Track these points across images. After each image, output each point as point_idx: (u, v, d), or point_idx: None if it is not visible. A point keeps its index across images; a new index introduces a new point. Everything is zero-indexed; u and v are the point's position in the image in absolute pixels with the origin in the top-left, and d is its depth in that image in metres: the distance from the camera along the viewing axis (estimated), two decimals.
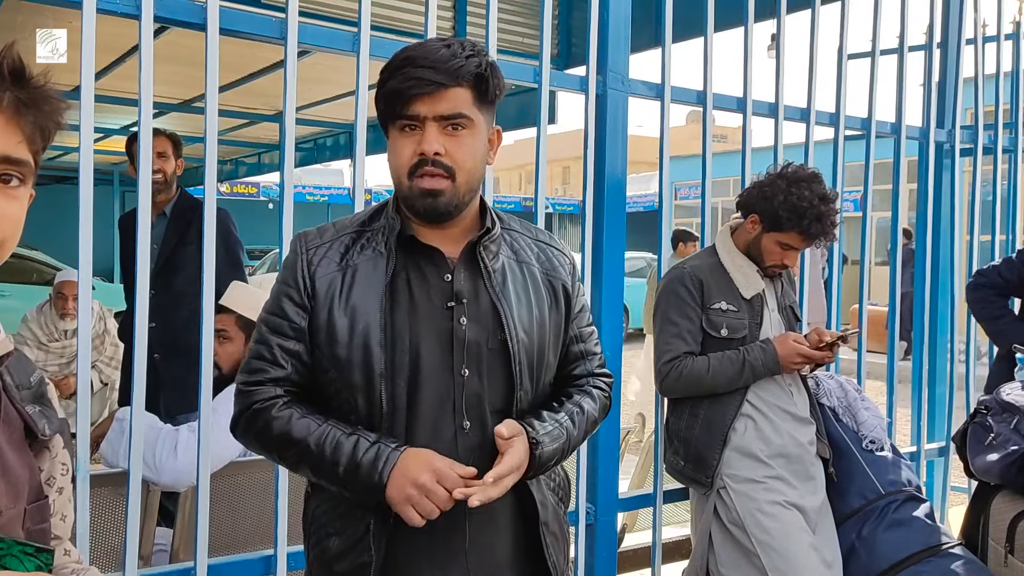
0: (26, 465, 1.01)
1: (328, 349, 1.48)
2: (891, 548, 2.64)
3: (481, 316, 1.50)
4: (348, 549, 1.50)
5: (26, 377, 1.05)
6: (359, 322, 1.46)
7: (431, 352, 1.47)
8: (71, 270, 5.03)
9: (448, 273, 1.50)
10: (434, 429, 1.48)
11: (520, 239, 1.61)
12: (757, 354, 2.52)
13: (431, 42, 1.46)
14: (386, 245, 1.50)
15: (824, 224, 2.50)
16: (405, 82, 1.41)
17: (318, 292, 1.49)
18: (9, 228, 0.96)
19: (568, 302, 1.62)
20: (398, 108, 1.43)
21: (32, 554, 0.88)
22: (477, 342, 1.49)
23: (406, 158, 1.44)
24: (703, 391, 2.55)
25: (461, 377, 1.48)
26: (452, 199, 1.45)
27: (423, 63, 1.41)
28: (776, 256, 2.58)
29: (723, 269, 2.61)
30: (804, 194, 2.48)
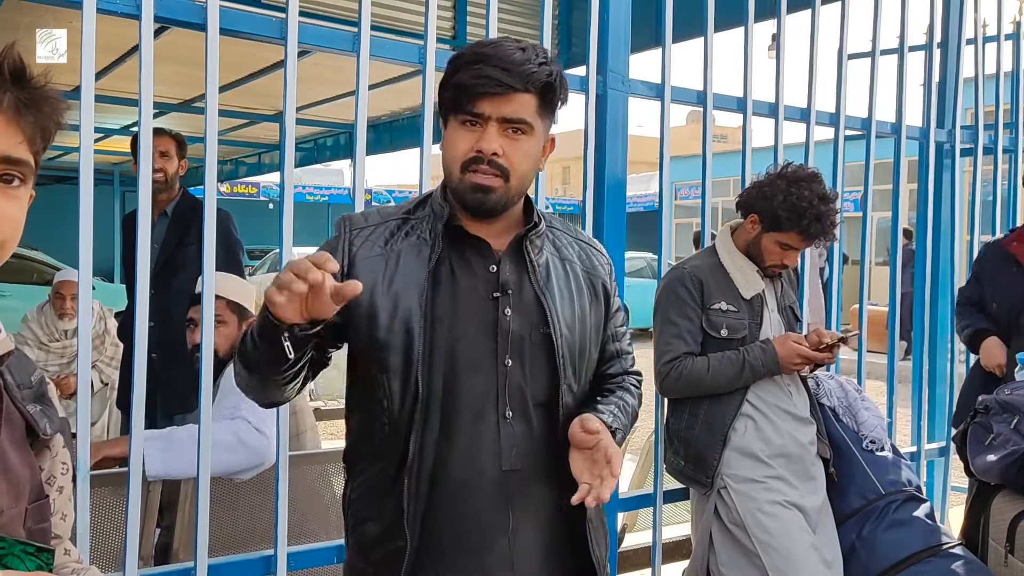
0: (27, 464, 1.01)
1: (367, 332, 1.48)
2: (891, 548, 2.64)
3: (525, 308, 1.51)
4: (383, 534, 1.51)
5: (27, 376, 1.05)
6: (400, 306, 1.47)
7: (474, 340, 1.49)
8: (70, 270, 5.02)
9: (494, 264, 1.51)
10: (476, 416, 1.48)
11: (562, 237, 1.63)
12: (757, 354, 2.52)
13: (506, 43, 1.46)
14: (431, 232, 1.51)
15: (824, 224, 2.50)
16: (475, 79, 1.42)
17: (357, 275, 1.48)
18: (9, 229, 0.96)
19: (607, 300, 1.64)
20: (463, 103, 1.44)
21: (33, 554, 0.88)
22: (520, 334, 1.50)
23: (462, 151, 1.45)
24: (703, 391, 2.55)
25: (504, 367, 1.49)
26: (502, 198, 1.47)
27: (496, 63, 1.42)
28: (776, 256, 2.58)
29: (723, 269, 2.61)
30: (804, 194, 2.48)
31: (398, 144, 8.00)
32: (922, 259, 3.96)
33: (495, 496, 1.47)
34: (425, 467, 1.47)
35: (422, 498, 1.47)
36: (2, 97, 0.92)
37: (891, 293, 3.78)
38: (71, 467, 1.10)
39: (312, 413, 3.09)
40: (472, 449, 1.48)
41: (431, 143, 2.58)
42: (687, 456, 2.62)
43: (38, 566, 0.88)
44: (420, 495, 1.47)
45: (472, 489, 1.47)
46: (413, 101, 6.94)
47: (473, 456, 1.47)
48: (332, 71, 5.44)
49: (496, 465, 1.48)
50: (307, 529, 2.66)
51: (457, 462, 1.48)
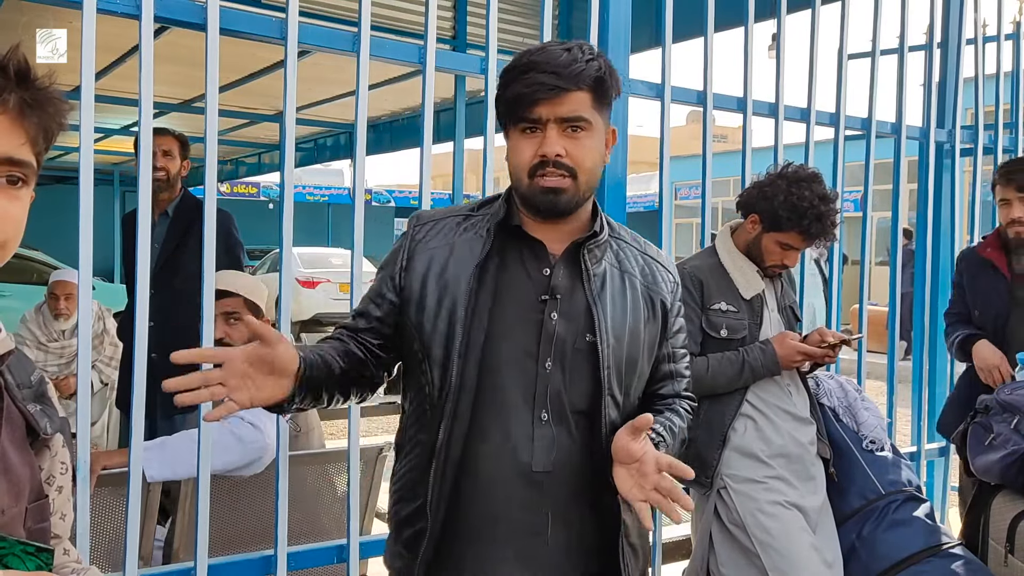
0: (27, 464, 1.01)
1: (416, 318, 1.54)
2: (891, 548, 2.64)
3: (573, 315, 1.52)
4: (411, 516, 1.55)
5: (27, 376, 1.06)
6: (447, 297, 1.51)
7: (515, 339, 1.51)
8: (65, 270, 5.02)
9: (548, 267, 1.54)
10: (509, 413, 1.50)
11: (627, 249, 1.64)
12: (756, 354, 2.52)
13: (552, 46, 1.49)
14: (487, 230, 1.55)
15: (824, 224, 2.50)
16: (528, 87, 1.45)
17: (414, 266, 1.56)
18: (12, 229, 0.96)
19: (665, 318, 1.63)
20: (520, 111, 1.47)
21: (33, 553, 0.88)
22: (564, 339, 1.51)
23: (527, 159, 1.48)
24: (702, 392, 2.55)
25: (544, 370, 1.50)
26: (573, 197, 1.49)
27: (545, 68, 1.45)
28: (776, 256, 2.58)
29: (723, 269, 2.60)
30: (804, 194, 2.48)
31: (398, 144, 8.01)
32: (922, 259, 3.96)
33: (524, 495, 1.49)
34: (453, 456, 1.50)
35: (447, 486, 1.50)
36: (7, 98, 0.93)
37: (891, 293, 3.78)
38: (70, 467, 1.10)
39: (316, 412, 3.09)
40: (503, 446, 1.50)
41: (431, 143, 2.58)
42: (687, 456, 2.61)
43: (38, 566, 0.88)
44: (446, 483, 1.50)
45: (500, 485, 1.49)
46: (413, 101, 6.95)
47: (503, 453, 1.49)
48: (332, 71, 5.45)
49: (527, 464, 1.49)
50: (307, 529, 2.66)
51: (487, 456, 1.50)
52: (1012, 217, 3.10)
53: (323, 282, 14.16)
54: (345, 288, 13.08)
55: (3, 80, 0.92)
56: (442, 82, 2.87)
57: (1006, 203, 3.12)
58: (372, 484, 2.82)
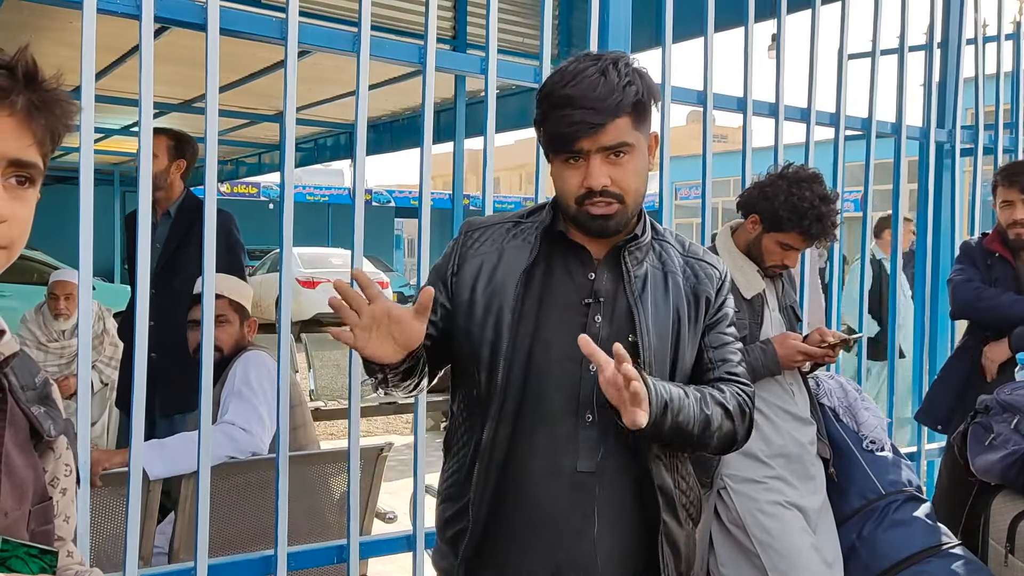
0: (31, 466, 1.01)
1: (465, 324, 1.57)
2: (891, 548, 2.64)
3: (616, 317, 1.55)
4: (455, 515, 1.59)
5: (31, 378, 1.05)
6: (495, 302, 1.55)
7: (559, 343, 1.53)
8: (65, 270, 5.02)
9: (592, 272, 1.57)
10: (553, 416, 1.53)
11: (670, 250, 1.65)
12: (757, 355, 2.52)
13: (587, 72, 1.46)
14: (535, 236, 1.59)
15: (825, 224, 2.50)
16: (568, 126, 1.45)
17: (464, 272, 1.59)
18: (19, 230, 0.96)
19: (707, 311, 1.64)
20: (561, 145, 1.48)
21: (37, 556, 0.88)
22: (608, 341, 1.50)
23: (573, 188, 1.50)
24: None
25: (589, 372, 1.51)
26: (622, 220, 1.53)
27: (583, 104, 1.44)
28: (776, 256, 2.58)
29: None
30: (805, 194, 2.48)
31: (398, 144, 8.00)
32: (922, 259, 3.96)
33: (570, 496, 1.51)
34: (496, 457, 1.53)
35: (491, 487, 1.53)
36: (15, 99, 0.93)
37: (891, 293, 3.78)
38: (74, 469, 1.10)
39: (308, 411, 3.10)
40: (547, 448, 1.52)
41: (431, 143, 2.58)
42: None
43: (42, 568, 0.88)
44: (489, 484, 1.53)
45: (545, 487, 1.51)
46: (413, 101, 6.94)
47: (547, 454, 1.52)
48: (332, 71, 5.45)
49: (572, 466, 1.51)
50: (307, 529, 2.66)
51: (531, 458, 1.53)
52: (1015, 219, 3.10)
53: (323, 282, 14.17)
54: None
55: (11, 81, 0.92)
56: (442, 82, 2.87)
57: (1009, 204, 3.12)
58: (372, 484, 2.82)
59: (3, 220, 0.93)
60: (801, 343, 2.53)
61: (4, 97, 0.92)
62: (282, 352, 2.34)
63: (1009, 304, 3.16)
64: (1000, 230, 3.23)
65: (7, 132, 0.93)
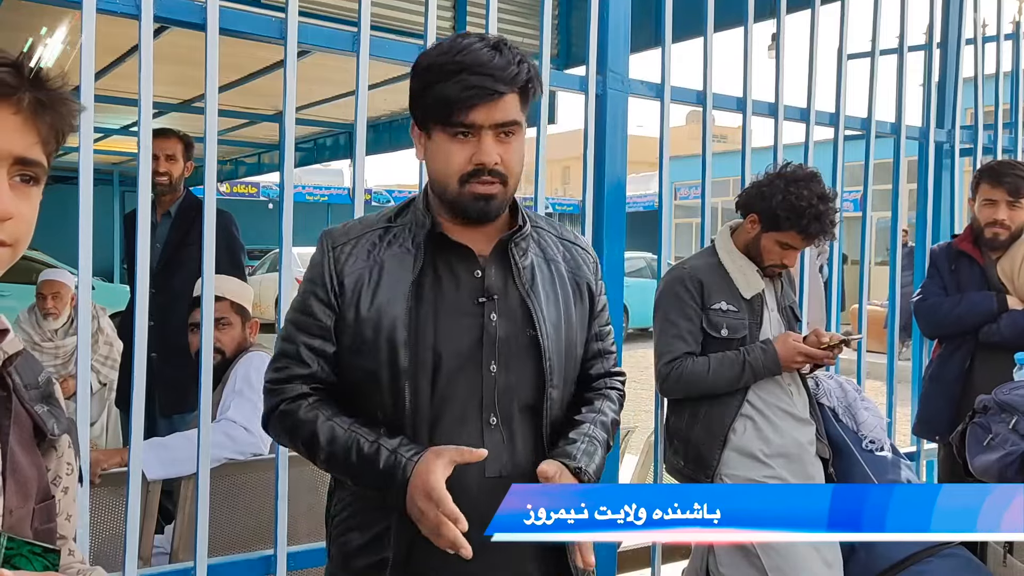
0: (35, 465, 1.01)
1: (354, 346, 1.48)
2: (891, 548, 2.64)
3: (511, 312, 1.50)
4: (368, 544, 1.49)
5: (34, 377, 1.06)
6: (385, 319, 1.46)
7: (458, 348, 1.47)
8: (53, 270, 5.02)
9: (479, 269, 1.50)
10: (460, 424, 1.47)
11: (547, 236, 1.61)
12: (757, 355, 2.52)
13: (475, 45, 1.41)
14: (414, 242, 1.50)
15: (823, 223, 2.50)
16: (464, 91, 1.39)
17: (346, 290, 1.48)
18: (24, 228, 0.97)
19: (592, 300, 1.63)
20: (451, 115, 1.41)
21: (40, 554, 0.89)
22: (507, 338, 1.49)
23: (459, 165, 1.43)
24: (703, 392, 2.55)
25: (490, 373, 1.48)
26: (502, 203, 1.48)
27: (480, 71, 1.38)
28: (775, 256, 2.58)
29: (723, 269, 2.60)
30: (803, 193, 2.48)
31: (398, 144, 8.00)
32: (922, 259, 3.96)
33: (481, 504, 1.36)
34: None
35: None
36: (22, 97, 0.92)
37: (891, 293, 3.79)
38: (75, 468, 1.10)
39: None
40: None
41: None
42: (687, 456, 2.62)
43: (45, 567, 0.89)
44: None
45: (458, 498, 1.37)
46: None
47: (458, 466, 1.41)
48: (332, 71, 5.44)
49: (480, 472, 1.44)
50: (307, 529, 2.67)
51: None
52: (996, 219, 3.06)
53: None
54: None
55: (18, 79, 0.92)
56: None
57: (991, 203, 3.08)
58: None
59: (8, 217, 0.93)
60: (801, 344, 2.53)
61: (11, 95, 0.92)
62: None
63: (970, 307, 3.13)
64: (974, 228, 3.18)
65: (13, 130, 0.93)
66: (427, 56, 1.46)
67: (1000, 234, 3.07)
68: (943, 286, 3.25)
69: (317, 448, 1.46)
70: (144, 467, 2.25)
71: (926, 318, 3.29)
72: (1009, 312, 3.06)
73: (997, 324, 3.06)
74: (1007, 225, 3.06)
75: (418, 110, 1.48)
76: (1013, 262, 3.08)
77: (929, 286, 3.30)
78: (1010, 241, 3.09)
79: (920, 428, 3.43)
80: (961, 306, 3.15)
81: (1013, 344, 2.94)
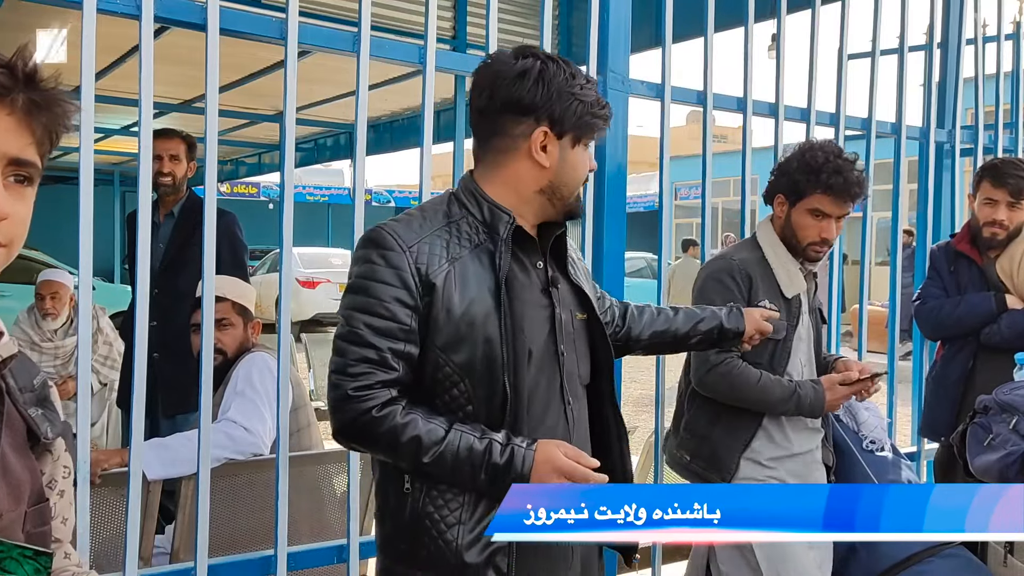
0: (27, 468, 1.01)
1: (448, 343, 1.52)
2: (892, 547, 2.64)
3: (565, 299, 1.64)
4: (480, 536, 1.52)
5: (29, 379, 1.06)
6: (478, 316, 1.51)
7: (542, 338, 1.59)
8: (51, 270, 5.02)
9: (540, 260, 1.63)
10: (546, 407, 1.59)
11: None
12: (808, 391, 2.43)
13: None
14: (489, 236, 1.56)
15: (846, 177, 2.37)
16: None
17: (435, 290, 1.51)
18: (19, 228, 0.97)
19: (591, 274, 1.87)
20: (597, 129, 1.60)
21: (31, 557, 0.88)
22: (567, 323, 1.63)
23: (584, 173, 1.63)
24: (741, 399, 2.45)
25: (562, 357, 1.60)
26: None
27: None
28: (812, 230, 2.45)
29: (766, 265, 2.50)
30: (817, 154, 2.40)
31: (398, 144, 8.01)
32: (922, 259, 3.96)
33: None
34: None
35: None
36: (15, 98, 0.93)
37: (891, 293, 3.78)
38: (72, 471, 1.10)
39: (313, 411, 3.10)
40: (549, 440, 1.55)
41: (431, 143, 2.58)
42: (700, 452, 2.53)
43: (36, 570, 0.88)
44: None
45: None
46: (413, 101, 6.93)
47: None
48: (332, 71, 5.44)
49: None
50: (308, 529, 2.67)
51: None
52: (995, 218, 3.05)
53: (323, 282, 14.15)
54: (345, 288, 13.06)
55: (11, 80, 0.92)
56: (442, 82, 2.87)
57: (991, 203, 3.06)
58: (372, 484, 2.82)
59: (4, 218, 0.93)
60: (847, 388, 2.45)
61: (4, 95, 0.92)
62: (282, 352, 2.35)
63: (969, 309, 3.13)
64: (972, 226, 3.16)
65: (7, 131, 0.93)
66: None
67: (998, 234, 3.07)
68: (943, 287, 3.24)
69: (421, 451, 1.48)
70: (145, 467, 2.25)
71: (927, 321, 3.28)
72: (1009, 312, 3.06)
73: (998, 324, 3.06)
74: (1005, 225, 3.06)
75: (556, 126, 1.56)
76: (1012, 260, 3.08)
77: (928, 288, 3.30)
78: (1008, 240, 3.08)
79: (925, 430, 3.43)
80: (961, 308, 3.15)
81: (1014, 344, 2.94)
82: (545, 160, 1.56)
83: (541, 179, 1.58)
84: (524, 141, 1.56)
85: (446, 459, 1.48)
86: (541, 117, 1.55)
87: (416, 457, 1.49)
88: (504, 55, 1.58)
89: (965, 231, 3.23)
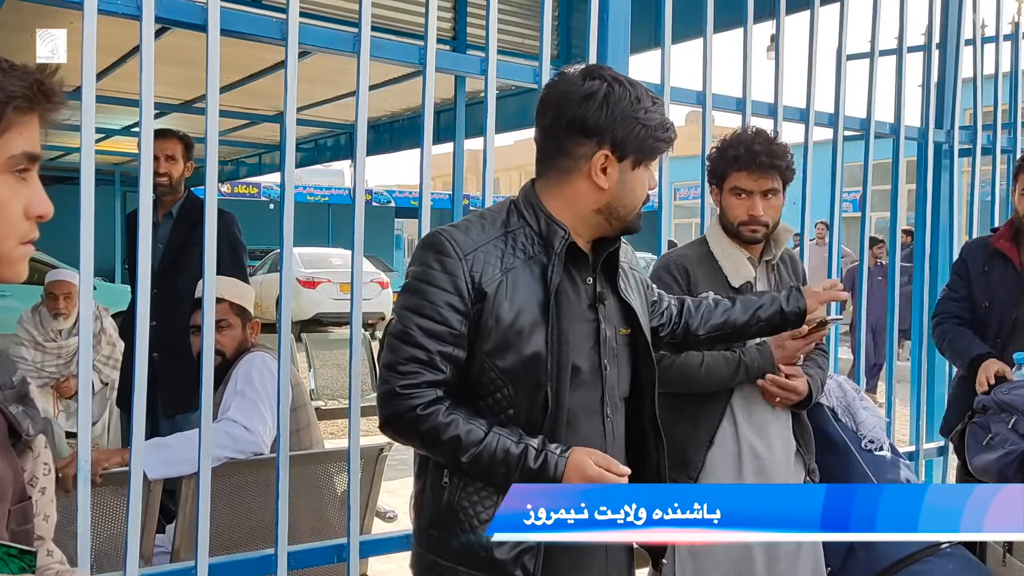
0: (10, 466, 1.01)
1: (495, 350, 1.57)
2: (890, 547, 2.64)
3: (611, 315, 1.68)
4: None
5: (8, 377, 1.06)
6: (526, 326, 1.56)
7: (586, 351, 1.63)
8: (61, 270, 5.02)
9: (590, 276, 1.66)
10: (587, 418, 1.64)
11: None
12: (753, 355, 2.43)
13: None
14: (543, 250, 1.60)
15: (749, 148, 2.38)
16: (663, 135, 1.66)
17: (487, 297, 1.56)
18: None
19: (648, 288, 1.92)
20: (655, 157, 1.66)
21: (16, 556, 0.89)
22: (611, 338, 1.67)
23: (643, 194, 1.67)
24: (693, 388, 2.45)
25: (604, 371, 1.65)
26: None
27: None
28: (739, 209, 2.43)
29: (711, 258, 2.51)
30: (728, 137, 2.46)
31: (398, 144, 8.00)
32: (921, 259, 3.97)
33: None
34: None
35: None
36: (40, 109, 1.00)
37: (890, 293, 3.79)
38: (52, 468, 1.11)
39: (313, 410, 3.11)
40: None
41: (431, 143, 2.58)
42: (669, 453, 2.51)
43: (21, 568, 0.89)
44: None
45: None
46: (413, 101, 6.94)
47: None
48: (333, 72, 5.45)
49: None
50: (308, 528, 2.67)
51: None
52: None
53: (323, 282, 14.17)
54: (345, 288, 13.08)
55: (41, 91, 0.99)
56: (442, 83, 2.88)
57: None
58: (372, 483, 2.82)
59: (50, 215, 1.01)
60: (796, 341, 2.42)
61: (37, 104, 0.99)
62: (282, 352, 2.35)
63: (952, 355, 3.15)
64: (1016, 222, 3.01)
65: (35, 132, 1.00)
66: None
67: None
68: (965, 294, 3.11)
69: (460, 450, 1.55)
70: (145, 467, 2.25)
71: (939, 344, 3.24)
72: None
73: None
74: None
75: (618, 149, 1.60)
76: None
77: (944, 303, 3.18)
78: None
79: (944, 428, 3.37)
80: (948, 352, 3.19)
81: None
82: (604, 182, 1.60)
83: (599, 200, 1.62)
84: (585, 162, 1.60)
85: (483, 459, 1.54)
86: (603, 140, 1.58)
87: (455, 455, 1.55)
88: (572, 76, 1.60)
89: (1007, 228, 3.06)
